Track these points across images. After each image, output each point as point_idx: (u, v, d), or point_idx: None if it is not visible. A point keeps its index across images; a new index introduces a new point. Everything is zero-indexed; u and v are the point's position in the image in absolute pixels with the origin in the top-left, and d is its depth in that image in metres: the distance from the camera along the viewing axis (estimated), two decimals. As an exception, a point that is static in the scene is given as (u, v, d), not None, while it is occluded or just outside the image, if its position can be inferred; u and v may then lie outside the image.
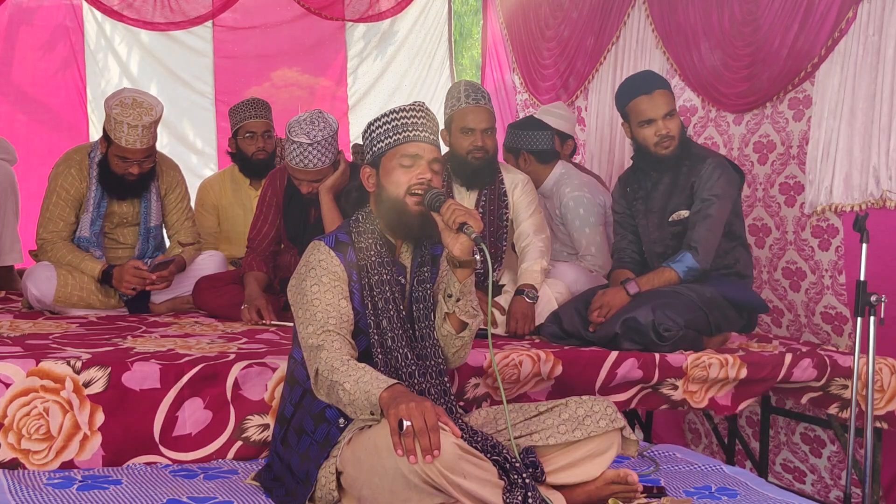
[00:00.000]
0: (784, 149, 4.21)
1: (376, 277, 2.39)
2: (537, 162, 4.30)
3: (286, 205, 3.94)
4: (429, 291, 2.47)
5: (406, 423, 2.01)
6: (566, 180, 4.25)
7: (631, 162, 3.80)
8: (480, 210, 3.79)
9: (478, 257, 2.30)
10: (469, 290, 2.40)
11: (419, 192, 2.37)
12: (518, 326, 3.59)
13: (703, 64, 4.61)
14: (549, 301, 3.70)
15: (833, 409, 3.53)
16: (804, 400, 3.55)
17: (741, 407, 3.45)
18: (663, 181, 3.62)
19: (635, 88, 3.58)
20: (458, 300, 2.40)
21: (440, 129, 2.87)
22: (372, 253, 2.40)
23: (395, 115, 2.42)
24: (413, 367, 2.40)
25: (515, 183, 3.85)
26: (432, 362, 2.44)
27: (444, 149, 3.46)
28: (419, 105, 2.45)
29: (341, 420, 2.32)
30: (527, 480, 2.22)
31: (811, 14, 3.96)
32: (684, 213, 3.57)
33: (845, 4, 3.82)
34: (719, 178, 3.51)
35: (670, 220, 3.61)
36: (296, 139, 3.61)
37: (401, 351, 2.39)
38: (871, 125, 3.74)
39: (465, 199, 3.82)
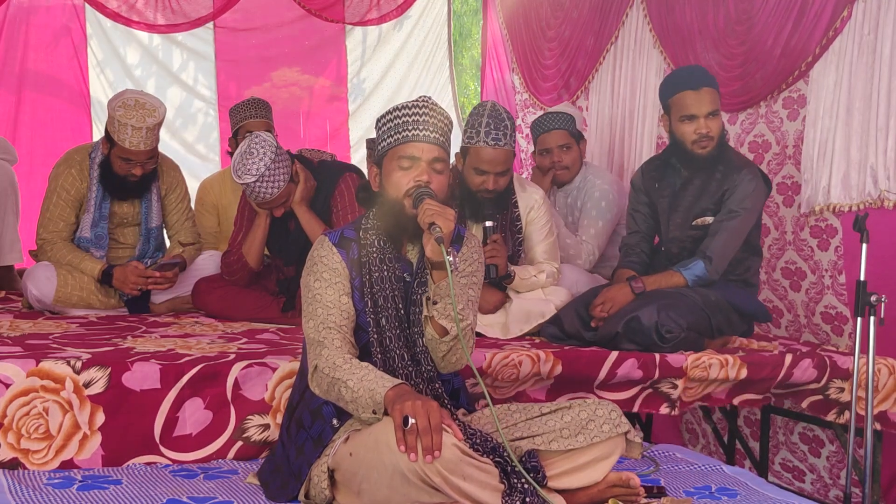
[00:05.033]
0: (780, 149, 4.21)
1: (377, 274, 2.37)
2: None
3: None
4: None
5: (411, 421, 2.01)
6: (597, 173, 4.34)
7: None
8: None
9: (449, 258, 2.19)
10: (446, 293, 2.28)
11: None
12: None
13: (700, 63, 4.60)
14: (539, 315, 3.63)
15: (832, 416, 3.51)
16: (804, 405, 3.53)
17: (737, 401, 3.44)
18: (694, 182, 3.58)
19: (682, 82, 3.52)
20: (435, 303, 2.30)
21: (455, 152, 2.73)
22: (374, 249, 2.38)
23: (397, 112, 2.36)
24: (410, 369, 2.38)
25: (531, 205, 3.71)
26: (424, 367, 2.41)
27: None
28: (423, 101, 2.36)
29: (335, 420, 2.31)
30: (525, 486, 2.21)
31: (806, 13, 3.95)
32: (709, 220, 3.54)
33: (840, 3, 3.80)
34: (753, 192, 3.47)
35: (694, 223, 3.58)
36: (241, 181, 3.56)
37: (398, 351, 2.38)
38: (868, 125, 3.73)
39: (475, 230, 3.64)
